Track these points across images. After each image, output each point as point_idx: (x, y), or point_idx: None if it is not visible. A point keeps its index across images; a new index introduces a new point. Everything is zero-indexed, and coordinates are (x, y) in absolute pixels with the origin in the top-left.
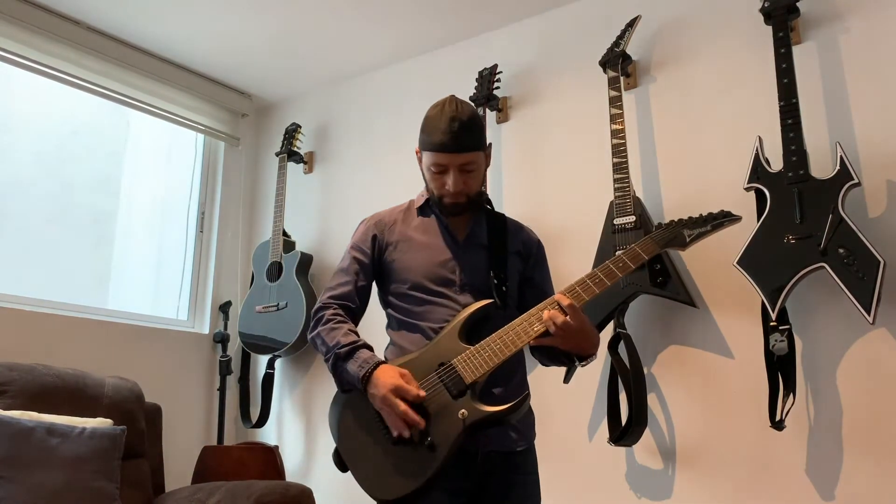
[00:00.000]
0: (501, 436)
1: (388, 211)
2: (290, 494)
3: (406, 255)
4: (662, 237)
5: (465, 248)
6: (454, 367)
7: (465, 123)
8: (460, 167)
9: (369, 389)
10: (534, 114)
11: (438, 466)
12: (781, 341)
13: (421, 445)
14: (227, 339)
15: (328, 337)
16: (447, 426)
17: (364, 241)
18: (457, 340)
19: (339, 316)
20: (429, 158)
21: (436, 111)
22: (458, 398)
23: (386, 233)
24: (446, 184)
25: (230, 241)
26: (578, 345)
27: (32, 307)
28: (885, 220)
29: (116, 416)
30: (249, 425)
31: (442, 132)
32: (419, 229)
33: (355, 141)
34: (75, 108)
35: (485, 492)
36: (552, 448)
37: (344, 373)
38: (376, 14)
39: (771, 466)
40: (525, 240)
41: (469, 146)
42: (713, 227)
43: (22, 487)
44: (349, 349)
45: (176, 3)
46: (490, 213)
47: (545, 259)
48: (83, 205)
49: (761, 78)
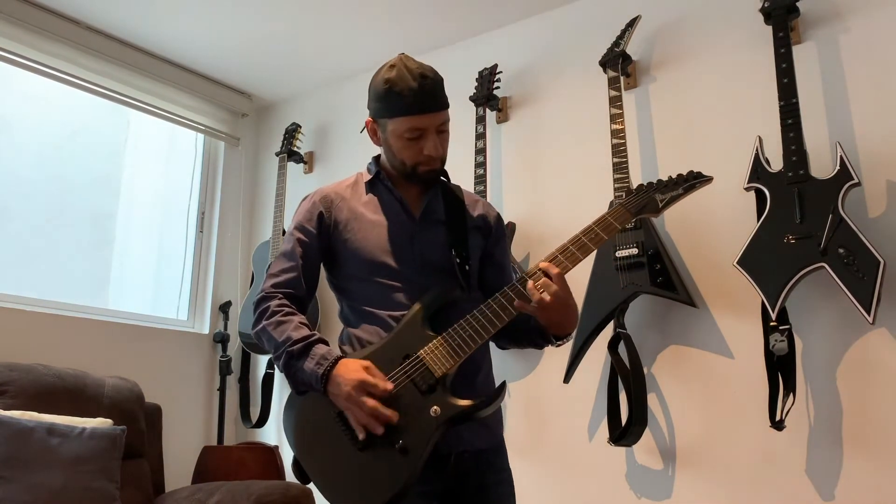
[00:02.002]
0: (472, 434)
1: (334, 186)
2: (290, 494)
3: (358, 234)
4: (635, 204)
5: (423, 225)
6: (421, 360)
7: (433, 80)
8: (437, 128)
9: (330, 389)
10: (534, 114)
11: (415, 471)
12: (781, 341)
13: (391, 449)
14: (227, 339)
15: (276, 332)
16: (419, 426)
17: (309, 219)
18: (421, 329)
19: (285, 307)
20: (402, 124)
21: (396, 72)
22: (427, 394)
23: (334, 210)
24: (424, 148)
25: (230, 241)
26: (563, 319)
27: (32, 307)
28: (885, 220)
29: (116, 416)
30: (249, 425)
31: (414, 92)
32: (370, 206)
33: (355, 141)
34: (75, 108)
35: (460, 495)
36: (552, 448)
37: (299, 372)
38: (376, 14)
39: (771, 466)
40: (484, 213)
41: (444, 103)
42: (685, 189)
43: (22, 487)
44: (303, 345)
45: (176, 3)
46: (445, 186)
47: (505, 235)
48: (83, 205)
49: (761, 78)
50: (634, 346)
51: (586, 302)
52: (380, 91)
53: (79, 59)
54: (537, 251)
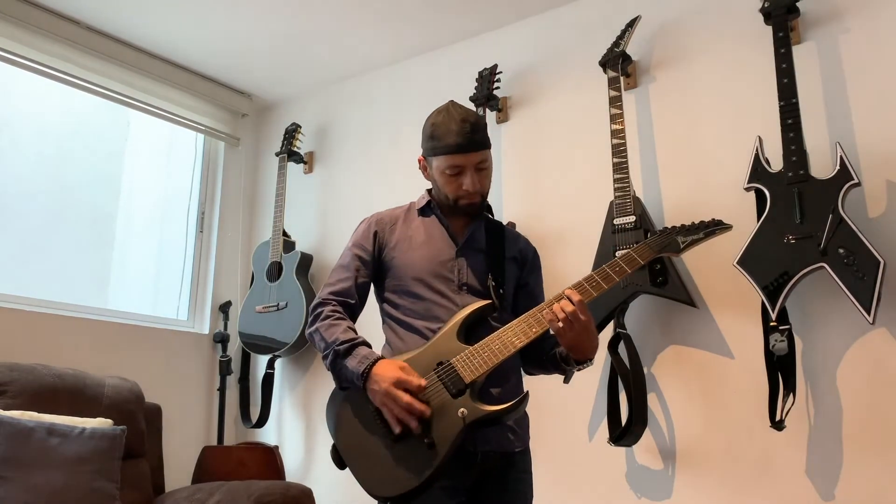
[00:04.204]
0: (500, 437)
1: (390, 211)
2: (290, 494)
3: (406, 253)
4: (658, 243)
5: (465, 251)
6: (453, 367)
7: (474, 123)
8: (476, 166)
9: (369, 385)
10: (534, 114)
11: (439, 465)
12: (781, 341)
13: (420, 443)
14: (227, 339)
15: (327, 333)
16: (447, 424)
17: (366, 238)
18: (455, 340)
19: (337, 312)
20: (444, 162)
21: (442, 116)
22: (457, 397)
23: (387, 231)
24: (464, 184)
25: (230, 241)
26: (582, 343)
27: (32, 307)
28: (885, 220)
29: (116, 416)
30: (249, 425)
31: (455, 134)
32: (420, 229)
33: (355, 141)
34: (75, 108)
35: (483, 490)
36: (552, 448)
37: (343, 369)
38: (376, 14)
39: (771, 466)
40: (522, 248)
41: (482, 144)
42: (705, 234)
43: (22, 487)
44: (348, 346)
45: (176, 3)
46: (489, 220)
47: (540, 268)
48: (83, 205)
49: (761, 78)
50: (634, 346)
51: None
52: (427, 132)
53: (79, 59)
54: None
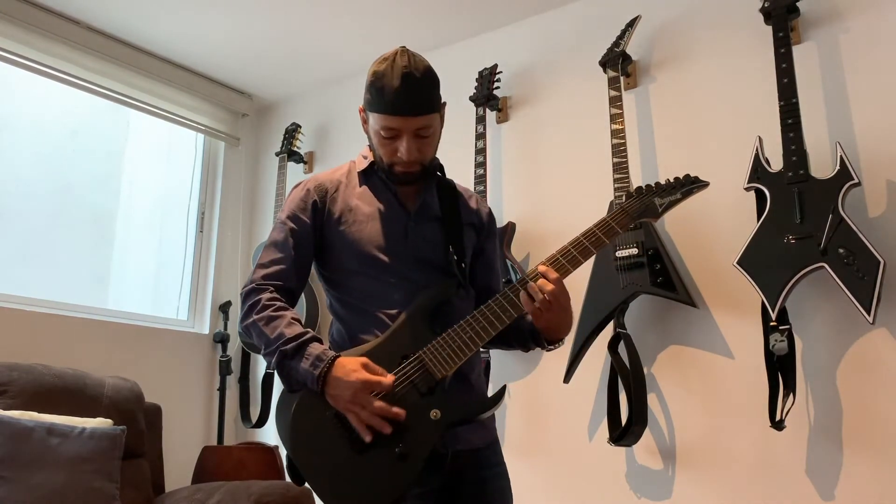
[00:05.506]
0: (469, 433)
1: (328, 173)
2: (290, 495)
3: (353, 227)
4: (635, 209)
5: (418, 221)
6: (422, 361)
7: (419, 81)
8: (415, 132)
9: (328, 391)
10: (534, 114)
11: (414, 478)
12: (781, 341)
13: (390, 452)
14: (227, 339)
15: (268, 328)
16: (419, 430)
17: (303, 209)
18: (419, 329)
19: (277, 301)
20: (378, 121)
21: (385, 65)
22: (426, 396)
23: (328, 199)
24: (398, 150)
25: (230, 241)
26: (559, 322)
27: (32, 307)
28: (885, 220)
29: (116, 416)
30: (249, 425)
31: (393, 91)
32: (365, 198)
33: (355, 141)
34: (75, 108)
35: (457, 493)
36: (552, 448)
37: (293, 372)
38: (376, 14)
39: (771, 466)
40: (477, 209)
41: (425, 108)
42: (683, 194)
43: (22, 487)
44: (296, 344)
45: (176, 3)
46: (441, 182)
47: (496, 231)
48: (83, 205)
49: (761, 78)
50: (634, 346)
51: (586, 302)
52: (369, 81)
53: (79, 59)
54: (537, 251)
